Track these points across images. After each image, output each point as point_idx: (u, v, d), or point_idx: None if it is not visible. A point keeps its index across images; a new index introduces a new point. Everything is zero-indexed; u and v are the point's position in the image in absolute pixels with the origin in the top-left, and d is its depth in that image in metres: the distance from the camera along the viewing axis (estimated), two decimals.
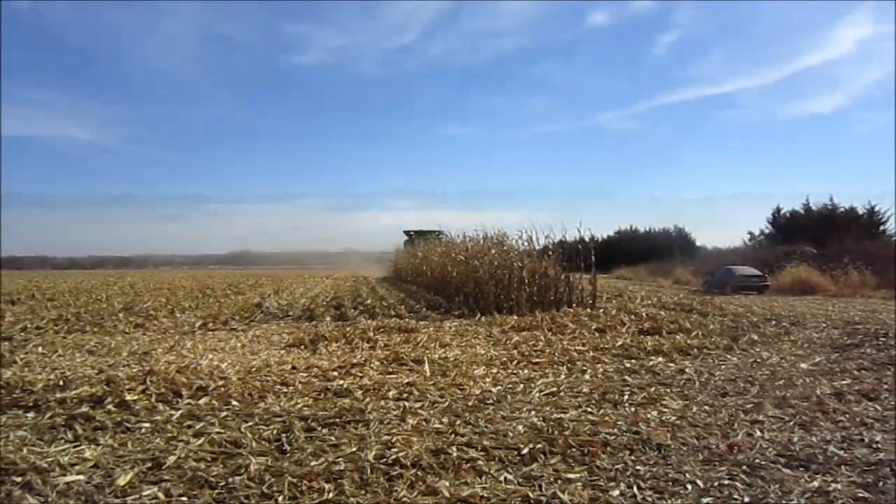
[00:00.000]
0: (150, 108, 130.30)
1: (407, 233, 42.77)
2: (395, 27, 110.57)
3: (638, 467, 4.51)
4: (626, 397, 6.73)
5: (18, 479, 4.18)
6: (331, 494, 3.97)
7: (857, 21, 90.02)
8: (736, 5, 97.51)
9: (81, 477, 4.26)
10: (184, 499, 3.94)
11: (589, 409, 6.18)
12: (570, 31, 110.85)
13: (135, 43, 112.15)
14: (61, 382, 6.97)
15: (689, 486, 4.15)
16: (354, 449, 4.82)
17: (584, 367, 8.43)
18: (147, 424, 5.58)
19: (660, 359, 9.12)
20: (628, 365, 8.69)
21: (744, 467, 4.48)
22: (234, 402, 6.35)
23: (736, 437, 5.24)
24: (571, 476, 4.33)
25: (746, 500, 3.93)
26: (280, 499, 3.94)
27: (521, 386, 7.24)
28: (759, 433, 5.34)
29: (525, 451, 4.80)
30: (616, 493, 4.04)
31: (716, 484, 4.19)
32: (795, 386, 7.33)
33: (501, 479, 4.28)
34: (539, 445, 4.92)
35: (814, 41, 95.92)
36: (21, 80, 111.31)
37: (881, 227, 39.85)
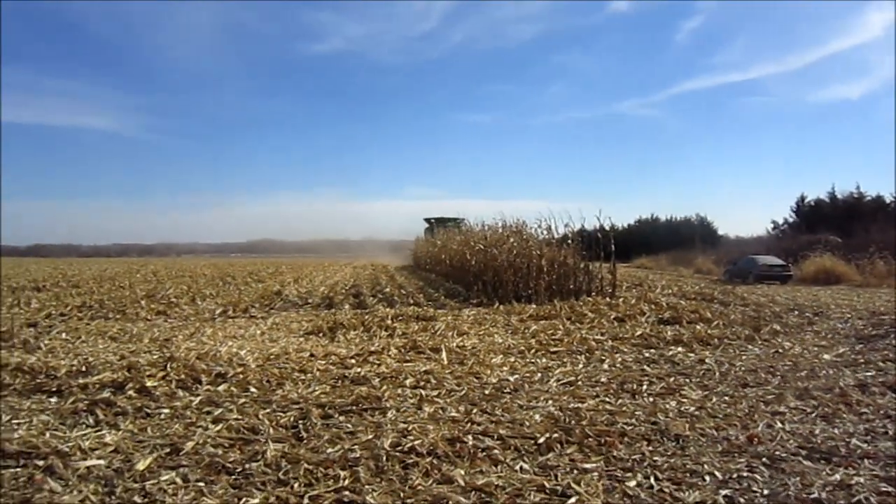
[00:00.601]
0: (169, 98, 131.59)
1: (427, 220, 42.51)
2: (416, 15, 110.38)
3: (655, 458, 4.46)
4: (644, 387, 6.67)
5: (40, 463, 4.25)
6: (346, 482, 3.98)
7: (885, 5, 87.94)
8: None
9: (101, 462, 4.32)
10: (201, 484, 3.98)
11: (607, 399, 6.14)
12: (591, 18, 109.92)
13: (153, 32, 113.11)
14: (84, 368, 7.09)
15: (707, 478, 4.09)
16: (370, 436, 4.82)
17: (603, 357, 8.38)
18: (166, 410, 5.65)
19: (679, 349, 9.03)
20: (647, 355, 8.62)
21: (763, 459, 4.42)
22: (253, 389, 6.40)
23: (756, 428, 5.16)
24: (588, 466, 4.30)
25: (766, 492, 3.87)
26: (296, 485, 3.95)
27: (539, 375, 7.21)
28: (779, 425, 5.27)
29: (541, 440, 4.78)
30: (633, 483, 4.00)
31: (735, 476, 4.13)
32: (818, 377, 7.21)
33: (517, 468, 4.27)
34: (556, 435, 4.89)
35: (842, 26, 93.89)
36: (41, 70, 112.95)
37: None
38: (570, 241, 17.79)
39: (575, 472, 4.20)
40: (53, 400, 6.00)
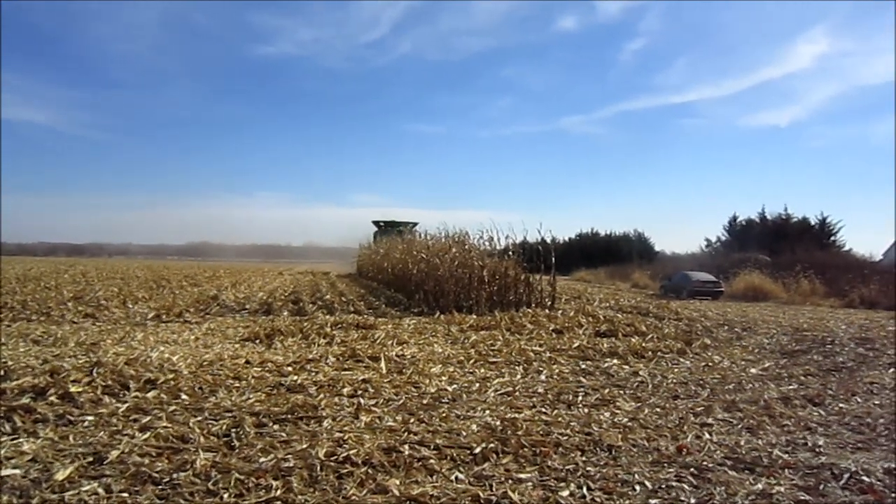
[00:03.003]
0: (109, 94, 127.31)
1: (376, 223, 40.35)
2: (366, 22, 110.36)
3: (588, 468, 4.53)
4: (580, 398, 6.78)
5: None
6: (278, 492, 3.90)
7: (814, 38, 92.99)
8: (700, 17, 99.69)
9: (17, 471, 4.10)
10: (125, 495, 3.82)
11: (543, 410, 6.21)
12: (538, 35, 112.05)
13: (95, 25, 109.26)
14: (2, 372, 6.70)
15: (637, 487, 4.18)
16: (305, 446, 4.74)
17: (541, 368, 8.48)
18: (91, 417, 5.41)
19: (615, 361, 9.22)
20: (584, 366, 8.76)
21: (692, 469, 4.54)
22: (184, 396, 6.20)
23: (685, 439, 5.32)
24: (522, 476, 4.33)
25: (693, 501, 3.98)
26: (226, 496, 3.84)
27: (477, 385, 7.24)
28: (707, 436, 5.43)
29: (478, 450, 4.79)
30: (566, 493, 4.05)
31: (664, 485, 4.23)
32: (744, 390, 7.49)
33: (453, 478, 4.26)
34: (492, 445, 4.91)
35: (774, 55, 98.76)
36: None
37: (832, 238, 41.20)
38: (511, 253, 18.00)
39: (510, 481, 4.22)
40: None
